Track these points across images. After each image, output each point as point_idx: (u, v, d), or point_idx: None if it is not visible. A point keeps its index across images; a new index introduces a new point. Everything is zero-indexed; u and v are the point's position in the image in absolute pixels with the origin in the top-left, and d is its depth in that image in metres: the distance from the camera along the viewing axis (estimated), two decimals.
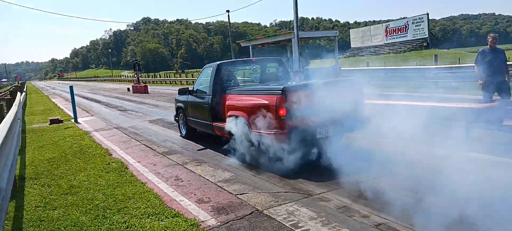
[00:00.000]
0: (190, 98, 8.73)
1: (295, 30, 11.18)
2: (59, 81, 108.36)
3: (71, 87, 14.86)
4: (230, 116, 6.95)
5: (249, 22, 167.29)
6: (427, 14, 44.69)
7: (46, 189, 6.07)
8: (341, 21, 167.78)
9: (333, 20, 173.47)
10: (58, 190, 5.97)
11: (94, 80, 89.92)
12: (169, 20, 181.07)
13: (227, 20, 44.20)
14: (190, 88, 8.88)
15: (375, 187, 4.90)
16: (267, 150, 6.05)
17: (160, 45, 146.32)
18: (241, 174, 6.20)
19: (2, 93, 25.23)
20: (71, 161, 7.78)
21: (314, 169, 6.08)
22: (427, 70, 17.31)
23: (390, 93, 11.75)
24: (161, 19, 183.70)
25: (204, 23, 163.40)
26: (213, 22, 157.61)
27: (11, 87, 37.94)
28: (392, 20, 75.27)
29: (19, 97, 13.97)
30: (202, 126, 8.28)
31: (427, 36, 44.53)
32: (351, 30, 59.75)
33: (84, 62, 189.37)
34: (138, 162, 7.51)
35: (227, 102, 7.17)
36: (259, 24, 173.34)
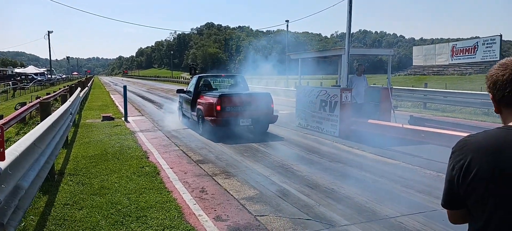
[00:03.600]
0: (184, 96, 13.30)
1: (346, 46, 10.69)
2: (123, 78, 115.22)
3: (124, 87, 15.52)
4: (197, 108, 11.45)
5: (309, 32, 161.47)
6: (501, 35, 41.71)
7: (79, 187, 6.27)
8: (406, 37, 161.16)
9: (398, 35, 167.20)
10: (89, 189, 6.14)
11: (155, 80, 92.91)
12: (231, 26, 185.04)
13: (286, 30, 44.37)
14: (185, 89, 13.59)
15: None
16: (212, 128, 10.55)
17: (220, 50, 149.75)
18: (267, 193, 6.02)
19: (65, 89, 26.95)
20: (109, 161, 8.03)
21: (343, 195, 5.77)
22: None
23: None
24: (223, 25, 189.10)
25: (264, 31, 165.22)
26: (273, 30, 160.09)
27: (78, 81, 40.59)
28: (461, 39, 71.22)
29: (77, 93, 14.79)
30: (188, 113, 12.74)
31: (498, 58, 41.50)
32: (414, 48, 57.28)
33: (148, 61, 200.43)
34: (171, 168, 7.58)
35: (197, 100, 11.58)
36: (319, 34, 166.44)
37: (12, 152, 3.70)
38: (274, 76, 32.81)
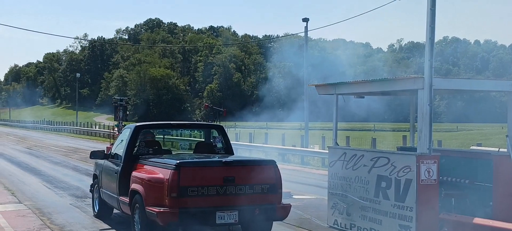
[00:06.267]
0: (105, 164, 8.58)
1: (426, 72, 6.53)
2: None
3: None
4: (132, 190, 7.75)
5: (347, 40, 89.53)
6: None
7: None
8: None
9: (499, 43, 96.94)
10: None
11: (44, 128, 58.00)
12: (194, 28, 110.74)
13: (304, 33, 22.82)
14: (107, 150, 9.27)
15: None
16: (162, 229, 7.05)
17: (174, 72, 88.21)
18: None
19: None
20: None
21: None
22: None
23: None
24: (180, 24, 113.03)
25: (260, 37, 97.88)
26: (276, 35, 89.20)
27: None
28: None
29: None
30: (111, 199, 8.43)
31: None
32: None
33: (30, 91, 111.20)
34: None
35: (133, 174, 7.74)
36: (368, 45, 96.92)
37: None
38: (280, 124, 24.35)
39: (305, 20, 22.00)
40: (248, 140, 21.76)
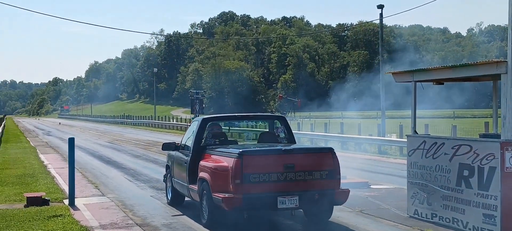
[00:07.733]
0: (176, 155, 8.79)
1: (509, 56, 5.98)
2: (61, 121, 74.45)
3: (71, 141, 9.16)
4: (200, 177, 7.86)
5: (424, 26, 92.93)
6: None
7: None
8: None
9: None
10: None
11: (123, 122, 59.22)
12: (267, 19, 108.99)
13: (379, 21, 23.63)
14: (178, 142, 8.88)
15: None
16: (227, 213, 6.95)
17: (248, 64, 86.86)
18: None
19: None
20: None
21: None
22: None
23: None
24: (253, 16, 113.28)
25: (334, 26, 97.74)
26: (350, 24, 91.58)
27: None
28: None
29: None
30: (182, 188, 8.53)
31: None
32: None
33: (109, 86, 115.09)
34: None
35: (200, 163, 7.83)
36: (446, 30, 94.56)
37: None
38: (356, 113, 23.78)
39: (380, 6, 21.69)
40: (324, 130, 20.97)
